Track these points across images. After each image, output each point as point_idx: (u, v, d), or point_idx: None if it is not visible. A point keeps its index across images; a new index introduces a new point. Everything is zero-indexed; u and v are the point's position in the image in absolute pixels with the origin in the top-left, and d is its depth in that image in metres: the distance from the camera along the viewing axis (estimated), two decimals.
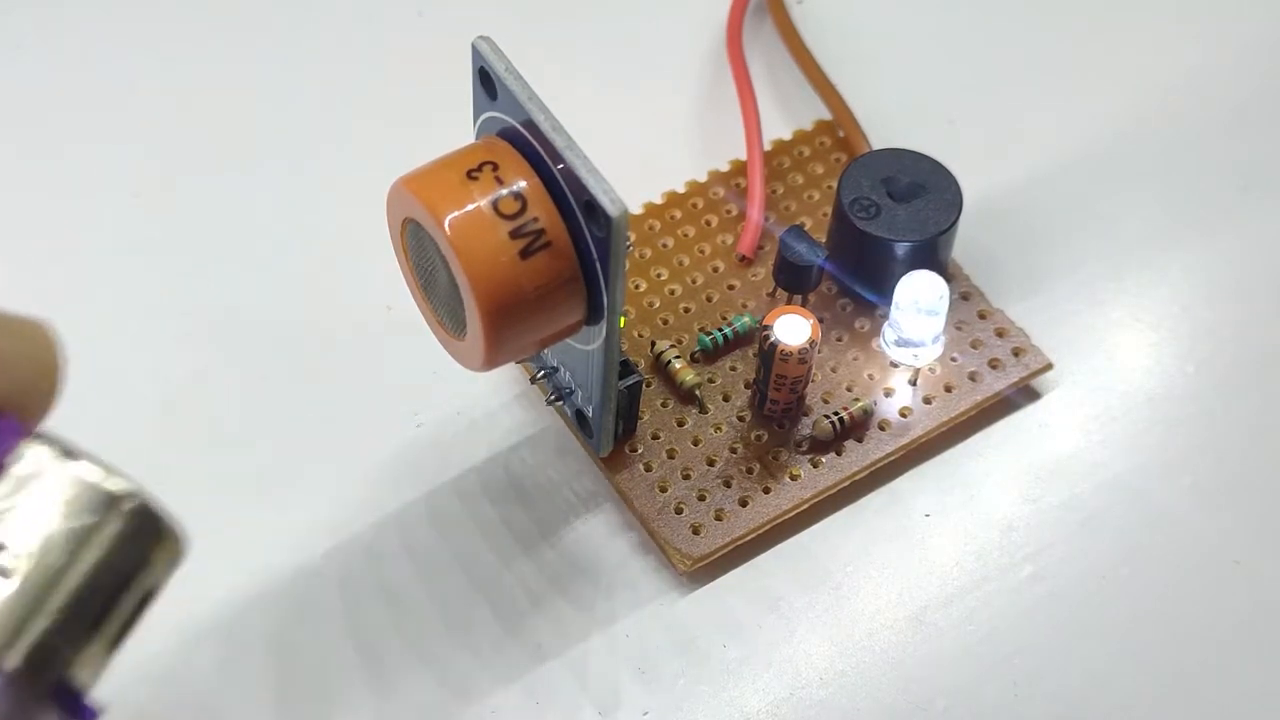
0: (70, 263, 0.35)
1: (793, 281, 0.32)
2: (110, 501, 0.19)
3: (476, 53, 0.28)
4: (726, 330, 0.33)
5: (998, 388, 0.33)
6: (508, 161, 0.27)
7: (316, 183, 0.36)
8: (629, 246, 0.33)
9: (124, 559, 0.19)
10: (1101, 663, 0.30)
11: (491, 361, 0.28)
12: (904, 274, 0.32)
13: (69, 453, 0.19)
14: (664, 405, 0.32)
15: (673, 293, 0.34)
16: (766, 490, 0.31)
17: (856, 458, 0.32)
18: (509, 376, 0.33)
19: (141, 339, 0.33)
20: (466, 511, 0.31)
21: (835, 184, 0.33)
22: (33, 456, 0.19)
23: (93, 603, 0.19)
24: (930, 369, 0.33)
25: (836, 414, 0.32)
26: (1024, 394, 0.33)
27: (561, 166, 0.27)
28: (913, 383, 0.33)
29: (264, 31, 0.39)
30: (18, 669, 0.19)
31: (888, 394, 0.32)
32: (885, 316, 0.33)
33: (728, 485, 0.31)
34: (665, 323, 0.33)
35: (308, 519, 0.31)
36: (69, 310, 0.24)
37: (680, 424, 0.32)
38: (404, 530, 0.31)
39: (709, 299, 0.34)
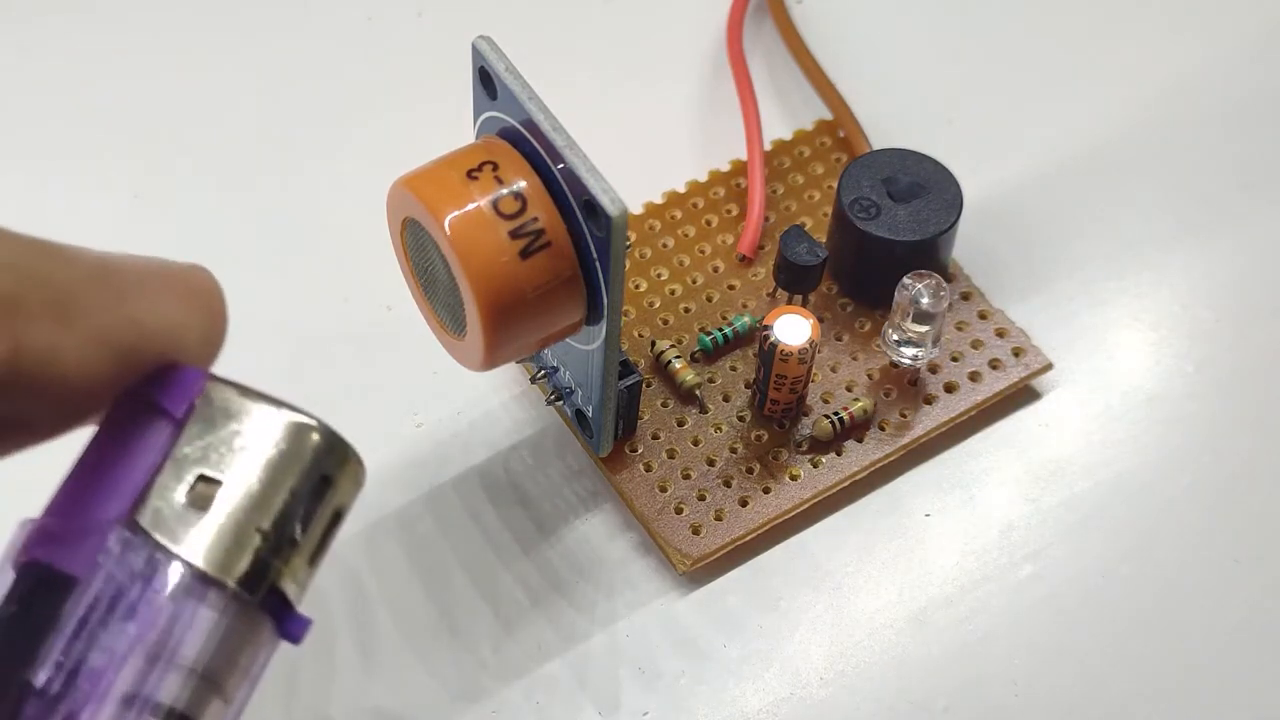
0: None
1: (793, 281, 0.32)
2: (298, 430, 0.21)
3: (476, 52, 0.28)
4: (726, 330, 0.33)
5: (998, 388, 0.33)
6: (508, 161, 0.27)
7: (316, 182, 0.36)
8: (629, 246, 0.33)
9: (315, 481, 0.21)
10: (1101, 663, 0.30)
11: (491, 361, 0.28)
12: (904, 274, 0.32)
13: (250, 391, 0.21)
14: (664, 405, 0.32)
15: (673, 293, 0.34)
16: (766, 490, 0.31)
17: (856, 458, 0.32)
18: (509, 376, 0.33)
19: None
20: (466, 511, 0.31)
21: (835, 184, 0.33)
22: (219, 397, 0.21)
23: (293, 522, 0.21)
24: (930, 369, 0.33)
25: (836, 414, 0.32)
26: (1024, 394, 0.33)
27: (561, 166, 0.27)
28: (913, 383, 0.33)
29: (264, 31, 0.39)
30: (237, 586, 0.20)
31: (888, 394, 0.32)
32: (885, 316, 0.33)
33: (728, 485, 0.31)
34: (665, 323, 0.33)
35: None
36: None
37: (680, 424, 0.32)
38: (404, 530, 0.31)
39: (709, 299, 0.34)
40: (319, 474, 0.21)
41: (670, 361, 0.32)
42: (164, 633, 0.20)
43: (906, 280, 0.31)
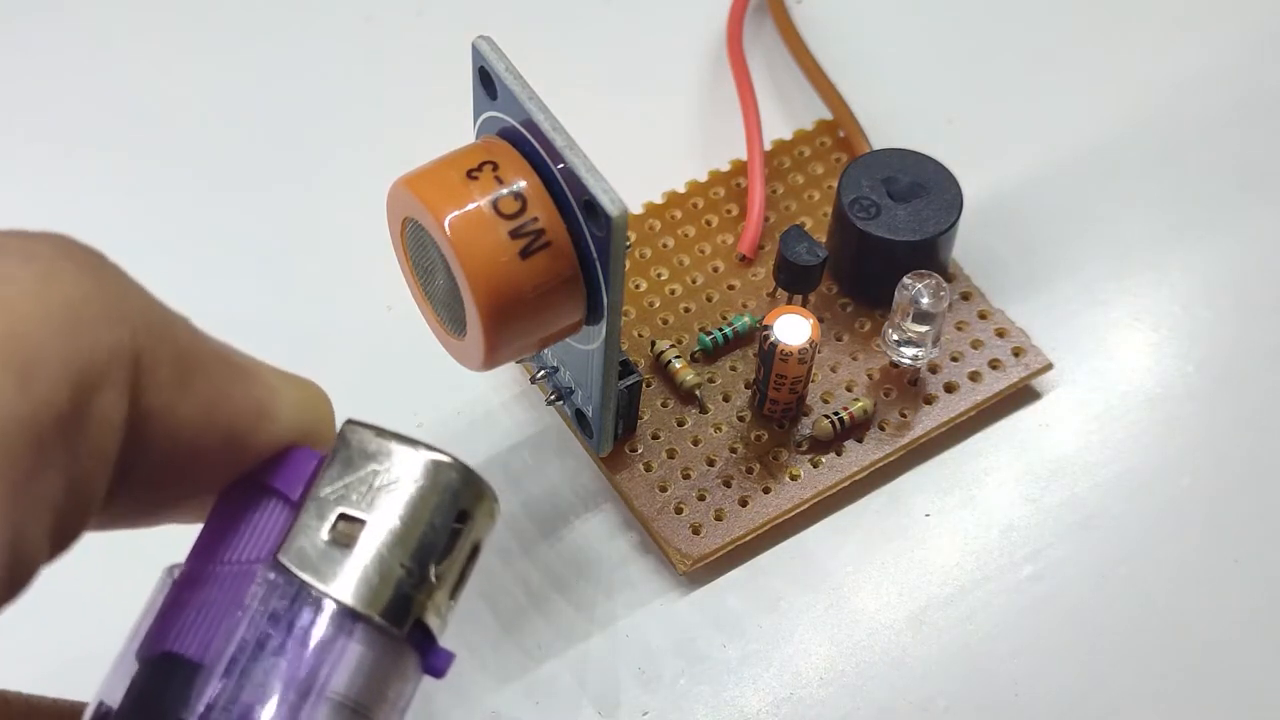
0: None
1: (793, 281, 0.32)
2: (436, 468, 0.22)
3: (476, 52, 0.28)
4: (726, 330, 0.33)
5: (998, 388, 0.33)
6: (508, 161, 0.27)
7: (316, 182, 0.36)
8: (629, 246, 0.33)
9: (453, 517, 0.22)
10: (1101, 663, 0.30)
11: (491, 361, 0.28)
12: (904, 274, 0.32)
13: (386, 432, 0.22)
14: (664, 405, 0.32)
15: (673, 292, 0.34)
16: (766, 490, 0.31)
17: (856, 458, 0.32)
18: (509, 376, 0.33)
19: None
20: None
21: (835, 184, 0.33)
22: (356, 438, 0.22)
23: (434, 556, 0.21)
24: (930, 369, 0.33)
25: (836, 414, 0.32)
26: (1024, 394, 0.33)
27: (561, 166, 0.27)
28: (913, 383, 0.33)
29: (263, 31, 0.39)
30: (383, 620, 0.21)
31: (888, 394, 0.32)
32: (885, 316, 0.33)
33: (728, 485, 0.31)
34: (665, 323, 0.33)
35: None
36: None
37: (680, 424, 0.32)
38: None
39: (709, 299, 0.34)
40: (457, 509, 0.22)
41: (670, 361, 0.32)
42: (314, 668, 0.21)
43: (906, 280, 0.31)
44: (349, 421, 0.22)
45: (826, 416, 0.32)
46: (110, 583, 0.25)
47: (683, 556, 0.30)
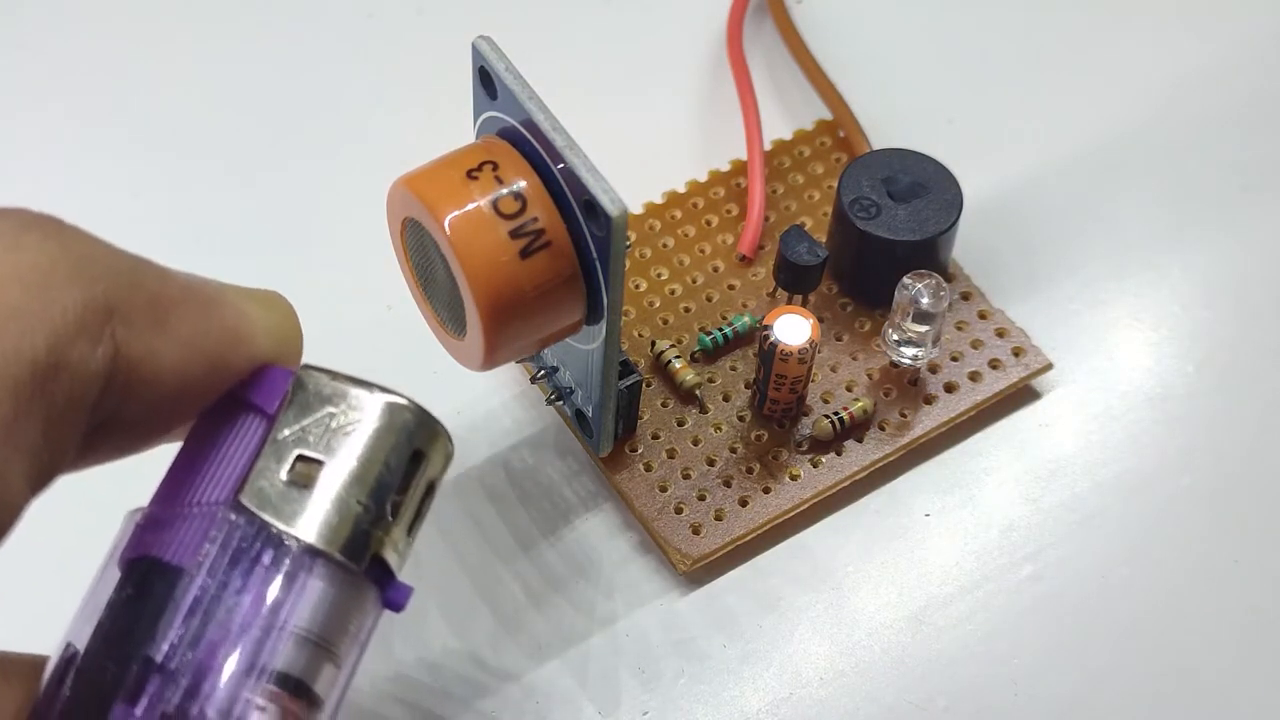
0: None
1: (793, 281, 0.32)
2: (390, 409, 0.22)
3: (476, 52, 0.28)
4: (726, 330, 0.33)
5: (998, 388, 0.33)
6: (508, 161, 0.27)
7: (316, 182, 0.36)
8: (629, 246, 0.33)
9: (408, 456, 0.22)
10: (1101, 663, 0.30)
11: (491, 361, 0.28)
12: (904, 274, 0.32)
13: (340, 375, 0.23)
14: (664, 405, 0.32)
15: (673, 292, 0.34)
16: (766, 490, 0.31)
17: (856, 458, 0.32)
18: (509, 376, 0.33)
19: None
20: (466, 511, 0.31)
21: (835, 184, 0.33)
22: (312, 382, 0.22)
23: (390, 494, 0.22)
24: (930, 369, 0.33)
25: (836, 414, 0.32)
26: (1024, 394, 0.33)
27: (561, 166, 0.27)
28: (913, 383, 0.33)
29: (263, 31, 0.39)
30: (342, 556, 0.22)
31: (888, 394, 0.32)
32: (885, 316, 0.33)
33: (728, 485, 0.31)
34: (665, 322, 0.33)
35: None
36: None
37: (680, 424, 0.32)
38: None
39: (709, 299, 0.34)
40: (412, 449, 0.22)
41: (670, 361, 0.32)
42: (276, 604, 0.21)
43: (906, 280, 0.31)
44: (305, 366, 0.23)
45: (826, 416, 0.32)
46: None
47: (683, 556, 0.30)
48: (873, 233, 0.32)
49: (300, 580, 0.22)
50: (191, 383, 0.22)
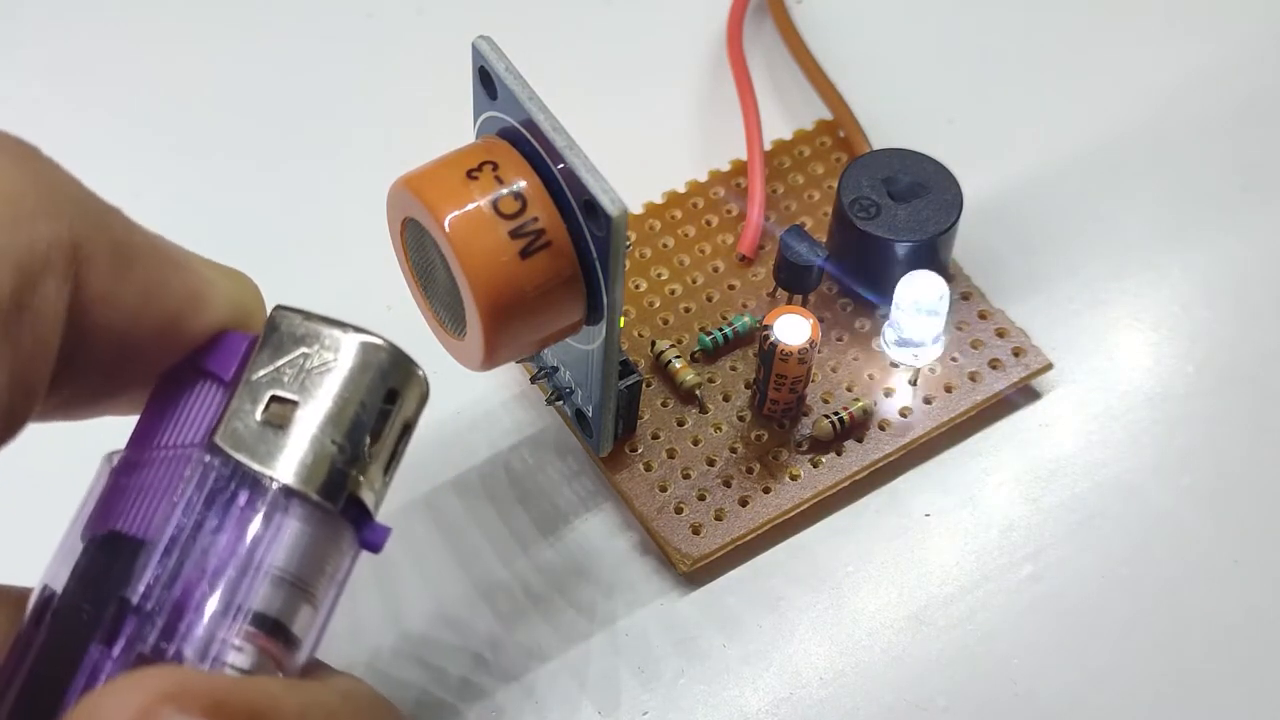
0: None
1: (793, 281, 0.32)
2: (364, 348, 0.22)
3: (476, 52, 0.28)
4: (726, 330, 0.33)
5: (998, 388, 0.33)
6: (508, 161, 0.27)
7: (316, 182, 0.36)
8: (629, 246, 0.33)
9: (383, 395, 0.22)
10: (1101, 663, 0.30)
11: (491, 361, 0.28)
12: (904, 274, 0.32)
13: (314, 315, 0.23)
14: (664, 405, 0.32)
15: (673, 292, 0.34)
16: (766, 490, 0.31)
17: (856, 458, 0.32)
18: (509, 376, 0.33)
19: None
20: (466, 511, 0.31)
21: (835, 184, 0.33)
22: (286, 323, 0.22)
23: (365, 434, 0.22)
24: (930, 369, 0.33)
25: (836, 414, 0.32)
26: (1024, 394, 0.33)
27: (561, 166, 0.27)
28: (913, 383, 0.33)
29: (263, 31, 0.39)
30: (318, 496, 0.22)
31: (888, 394, 0.32)
32: (885, 316, 0.33)
33: (728, 485, 0.31)
34: (665, 322, 0.33)
35: None
36: None
37: (680, 424, 0.32)
38: (404, 530, 0.31)
39: (709, 299, 0.34)
40: (386, 389, 0.22)
41: (670, 361, 0.32)
42: (252, 545, 0.21)
43: (906, 280, 0.31)
44: (278, 306, 0.23)
45: (826, 416, 0.32)
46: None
47: (683, 556, 0.30)
48: (873, 233, 0.32)
49: (276, 520, 0.21)
50: (145, 337, 0.22)
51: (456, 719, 0.29)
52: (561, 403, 0.31)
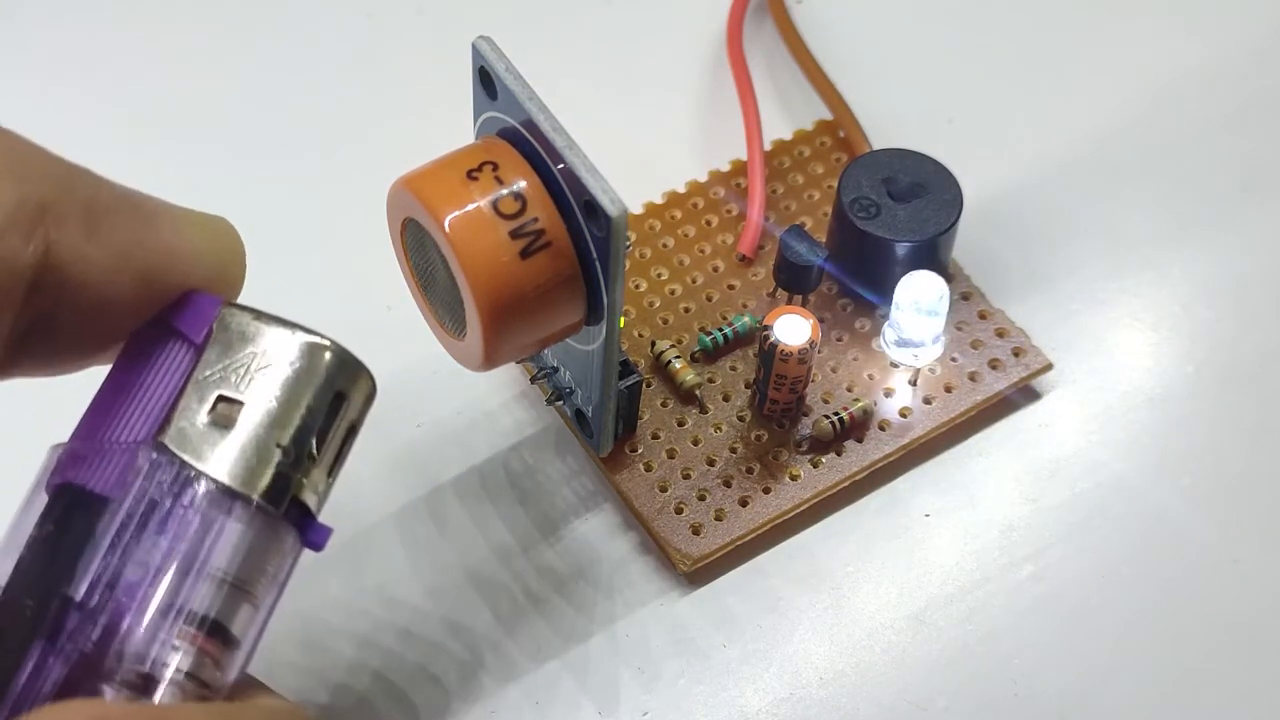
0: None
1: (793, 281, 0.32)
2: (312, 350, 0.22)
3: (476, 52, 0.28)
4: (726, 330, 0.33)
5: (998, 388, 0.33)
6: (508, 161, 0.27)
7: (316, 182, 0.36)
8: (629, 246, 0.33)
9: (330, 398, 0.23)
10: (1101, 663, 0.30)
11: (491, 361, 0.28)
12: (904, 274, 0.32)
13: (265, 315, 0.23)
14: (664, 405, 0.32)
15: (673, 292, 0.34)
16: (766, 490, 0.31)
17: (856, 458, 0.32)
18: (509, 376, 0.33)
19: None
20: (466, 511, 0.31)
21: (835, 184, 0.33)
22: (236, 321, 0.22)
23: (311, 436, 0.22)
24: (930, 369, 0.33)
25: (836, 414, 0.32)
26: (1024, 394, 0.33)
27: (561, 166, 0.27)
28: (913, 383, 0.33)
29: (263, 31, 0.39)
30: (261, 499, 0.22)
31: (888, 394, 0.32)
32: (885, 316, 0.33)
33: (728, 485, 0.31)
34: (665, 322, 0.33)
35: None
36: None
37: (680, 424, 0.32)
38: (404, 530, 0.31)
39: (709, 299, 0.34)
40: (333, 391, 0.22)
41: (670, 361, 0.32)
42: (195, 545, 0.21)
43: (906, 280, 0.31)
44: (228, 305, 0.23)
45: (826, 416, 0.32)
46: None
47: (683, 556, 0.30)
48: (873, 233, 0.32)
49: (219, 523, 0.22)
50: (121, 295, 0.22)
51: (456, 719, 0.29)
52: (561, 403, 0.31)
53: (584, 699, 0.30)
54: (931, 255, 0.33)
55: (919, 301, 0.31)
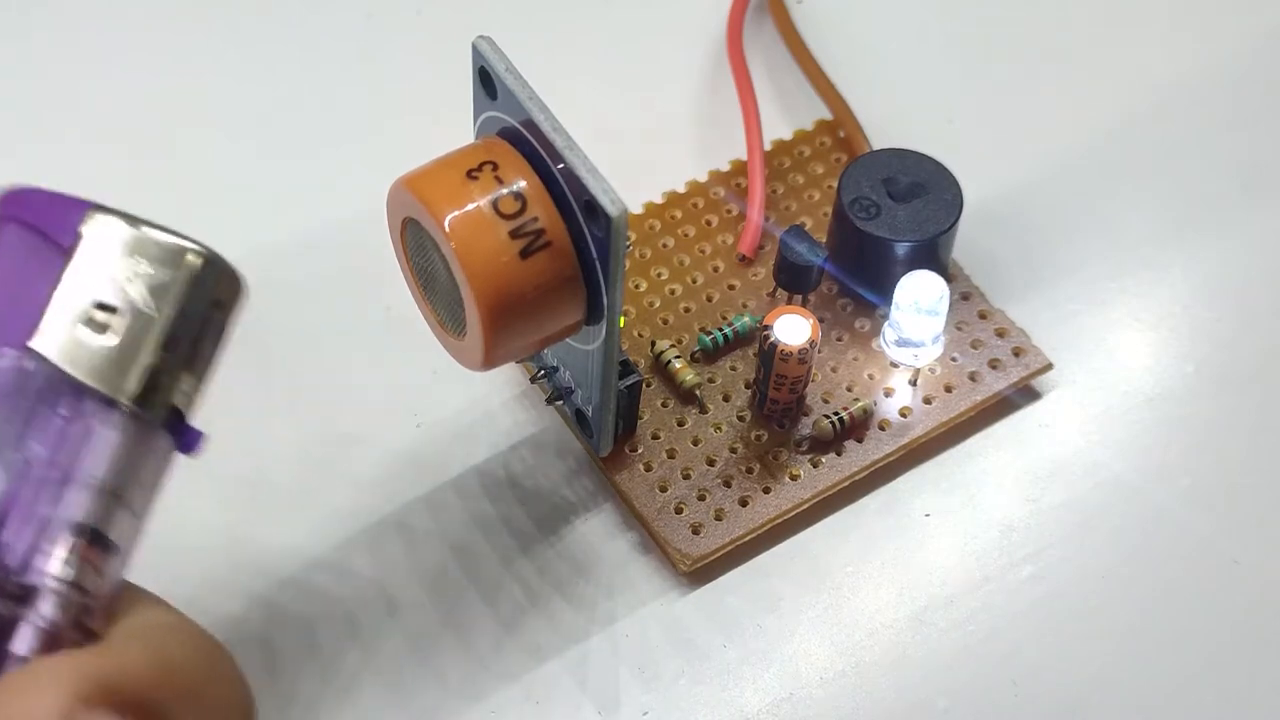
0: None
1: (793, 281, 0.32)
2: (180, 253, 0.22)
3: (476, 52, 0.28)
4: (726, 330, 0.33)
5: (998, 388, 0.33)
6: (508, 161, 0.27)
7: (316, 182, 0.36)
8: (629, 246, 0.33)
9: (201, 301, 0.22)
10: (1101, 663, 0.30)
11: (491, 361, 0.28)
12: (904, 274, 0.32)
13: (136, 220, 0.23)
14: (664, 405, 0.32)
15: (673, 292, 0.34)
16: (766, 490, 0.31)
17: (856, 458, 0.32)
18: (509, 376, 0.33)
19: None
20: (466, 511, 0.31)
21: (835, 184, 0.33)
22: (104, 226, 0.22)
23: (182, 340, 0.22)
24: (930, 369, 0.33)
25: (836, 414, 0.32)
26: (1024, 394, 0.33)
27: (561, 166, 0.27)
28: (913, 383, 0.33)
29: (263, 31, 0.39)
30: (133, 403, 0.22)
31: (888, 394, 0.32)
32: (885, 316, 0.33)
33: (728, 485, 0.31)
34: (665, 322, 0.33)
35: (307, 519, 0.31)
36: None
37: (680, 424, 0.32)
38: (404, 530, 0.31)
39: (709, 299, 0.34)
40: (208, 296, 0.22)
41: (670, 361, 0.32)
42: (69, 454, 0.21)
43: (906, 281, 0.31)
44: (96, 207, 0.23)
45: (826, 416, 0.32)
46: None
47: (683, 556, 0.30)
48: (873, 233, 0.32)
49: (94, 430, 0.22)
50: None
51: (457, 719, 0.29)
52: (561, 403, 0.31)
53: (584, 699, 0.30)
54: (931, 255, 0.33)
55: (919, 301, 0.31)
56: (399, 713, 0.29)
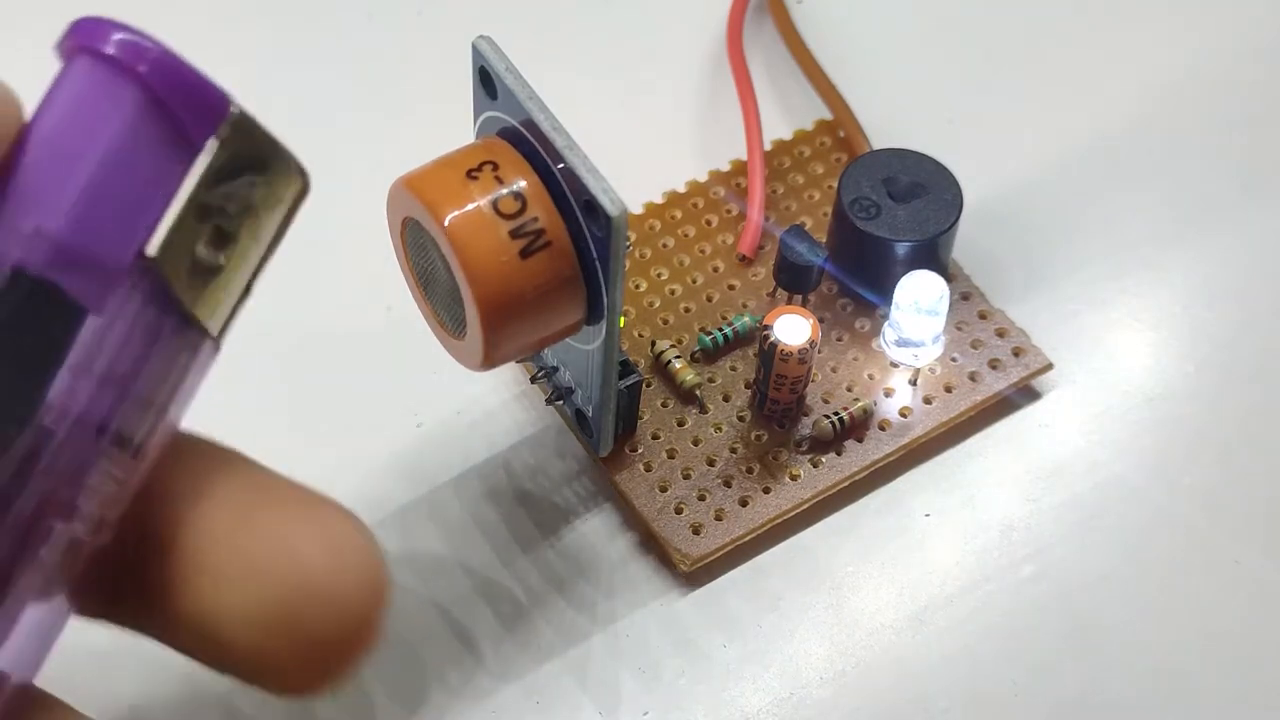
0: None
1: (793, 281, 0.32)
2: (300, 188, 0.21)
3: (476, 52, 0.28)
4: (726, 330, 0.33)
5: (998, 388, 0.33)
6: (508, 161, 0.27)
7: (316, 182, 0.36)
8: (629, 246, 0.33)
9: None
10: (1101, 663, 0.30)
11: (491, 361, 0.28)
12: (904, 274, 0.32)
13: (269, 135, 0.20)
14: (664, 405, 0.32)
15: (673, 292, 0.34)
16: (766, 490, 0.31)
17: (856, 458, 0.32)
18: (509, 376, 0.33)
19: None
20: (466, 511, 0.31)
21: (835, 184, 0.33)
22: (247, 136, 0.20)
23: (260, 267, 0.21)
24: (930, 369, 0.33)
25: (836, 414, 0.32)
26: (1024, 394, 0.33)
27: (561, 166, 0.27)
28: (913, 383, 0.33)
29: (263, 31, 0.39)
30: (219, 339, 0.21)
31: (888, 394, 0.32)
32: (885, 316, 0.33)
33: (728, 485, 0.31)
34: (665, 322, 0.33)
35: None
36: None
37: (680, 424, 0.32)
38: (404, 530, 0.31)
39: (709, 299, 0.34)
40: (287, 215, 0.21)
41: (670, 361, 0.32)
42: (156, 378, 0.20)
43: (906, 281, 0.31)
44: (242, 112, 0.20)
45: (826, 416, 0.32)
46: None
47: (683, 556, 0.30)
48: (873, 233, 0.32)
49: (183, 360, 0.21)
50: None
51: (457, 719, 0.29)
52: (561, 403, 0.31)
53: (584, 699, 0.30)
54: (931, 255, 0.33)
55: (919, 301, 0.31)
56: (399, 713, 0.29)
